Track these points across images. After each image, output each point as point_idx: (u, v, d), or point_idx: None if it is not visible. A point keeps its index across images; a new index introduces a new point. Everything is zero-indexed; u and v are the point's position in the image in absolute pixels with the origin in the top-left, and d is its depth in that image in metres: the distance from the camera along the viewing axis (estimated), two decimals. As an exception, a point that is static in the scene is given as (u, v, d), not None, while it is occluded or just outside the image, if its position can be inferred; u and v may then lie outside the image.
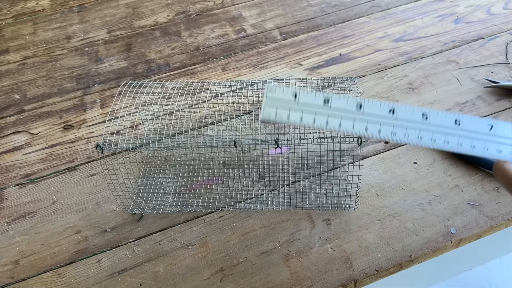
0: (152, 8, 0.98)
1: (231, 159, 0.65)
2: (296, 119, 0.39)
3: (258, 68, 0.81)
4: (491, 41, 0.81)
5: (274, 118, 0.39)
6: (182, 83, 0.63)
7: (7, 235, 0.59)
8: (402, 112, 0.39)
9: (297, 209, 0.59)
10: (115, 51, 0.88)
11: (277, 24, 0.90)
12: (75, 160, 0.68)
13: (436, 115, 0.39)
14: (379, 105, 0.39)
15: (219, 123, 0.70)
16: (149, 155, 0.66)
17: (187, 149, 0.64)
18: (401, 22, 0.87)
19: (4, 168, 0.68)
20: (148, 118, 0.71)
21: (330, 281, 0.52)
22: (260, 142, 0.54)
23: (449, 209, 0.57)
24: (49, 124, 0.74)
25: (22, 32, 0.95)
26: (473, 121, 0.39)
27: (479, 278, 1.21)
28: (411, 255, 0.53)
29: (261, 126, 0.70)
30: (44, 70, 0.85)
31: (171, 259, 0.55)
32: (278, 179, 0.62)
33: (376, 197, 0.60)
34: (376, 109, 0.39)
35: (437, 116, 0.39)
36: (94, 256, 0.56)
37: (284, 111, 0.39)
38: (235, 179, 0.63)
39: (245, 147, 0.66)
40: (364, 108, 0.39)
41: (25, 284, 0.54)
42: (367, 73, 0.78)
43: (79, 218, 0.60)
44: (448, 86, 0.73)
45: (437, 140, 0.39)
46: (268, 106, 0.39)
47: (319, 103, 0.39)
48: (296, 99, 0.40)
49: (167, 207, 0.60)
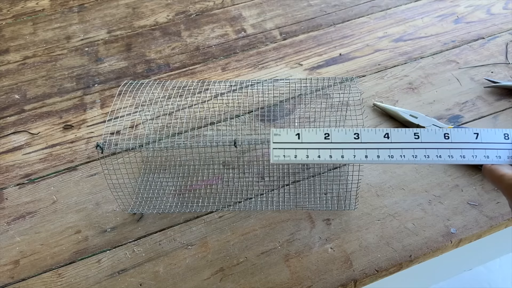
0: (152, 8, 0.98)
1: (231, 159, 0.65)
2: (302, 157, 0.43)
3: (258, 68, 0.81)
4: (491, 41, 0.81)
5: (283, 159, 0.43)
6: (182, 83, 0.63)
7: (7, 235, 0.59)
8: (395, 136, 0.43)
9: (297, 209, 0.59)
10: (115, 51, 0.88)
11: (277, 24, 0.90)
12: (75, 160, 0.68)
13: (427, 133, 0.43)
14: (374, 132, 0.43)
15: (219, 123, 0.70)
16: (149, 155, 0.66)
17: (187, 149, 0.64)
18: (401, 22, 0.87)
19: (4, 168, 0.68)
20: (148, 118, 0.71)
21: (330, 281, 0.52)
22: (260, 142, 0.54)
23: (449, 209, 0.57)
24: (49, 124, 0.74)
25: (22, 32, 0.95)
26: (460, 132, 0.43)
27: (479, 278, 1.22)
28: (411, 255, 0.53)
29: (261, 126, 0.70)
30: (44, 70, 0.85)
31: (171, 259, 0.55)
32: (278, 179, 0.62)
33: (376, 197, 0.60)
34: (372, 136, 0.43)
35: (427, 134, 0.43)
36: (94, 256, 0.56)
37: (291, 151, 0.43)
38: (235, 179, 0.63)
39: (245, 147, 0.66)
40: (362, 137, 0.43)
41: (25, 284, 0.54)
42: (367, 73, 0.78)
43: (79, 218, 0.60)
44: (448, 86, 0.73)
45: (430, 156, 0.42)
46: (276, 149, 0.43)
47: (321, 138, 0.43)
48: (300, 138, 0.44)
49: (167, 207, 0.60)
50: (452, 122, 0.68)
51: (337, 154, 0.43)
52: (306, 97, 0.73)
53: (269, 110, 0.72)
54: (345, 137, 0.43)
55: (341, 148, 0.43)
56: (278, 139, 0.44)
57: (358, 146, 0.43)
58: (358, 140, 0.43)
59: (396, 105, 0.71)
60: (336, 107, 0.68)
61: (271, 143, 0.43)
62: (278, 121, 0.70)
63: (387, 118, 0.69)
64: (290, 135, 0.44)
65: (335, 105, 0.69)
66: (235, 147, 0.54)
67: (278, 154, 0.43)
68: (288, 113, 0.71)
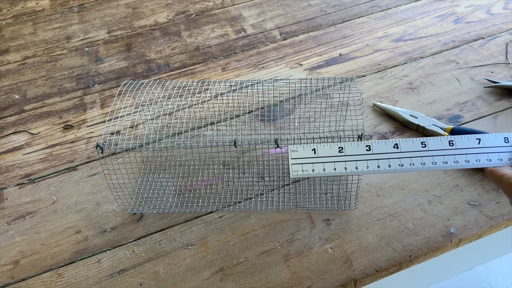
0: (152, 8, 0.98)
1: (231, 159, 0.65)
2: (320, 171, 0.46)
3: (258, 68, 0.81)
4: (491, 41, 0.81)
5: (301, 174, 0.46)
6: (182, 83, 0.63)
7: (7, 235, 0.59)
8: (404, 145, 0.46)
9: (297, 209, 0.59)
10: (115, 51, 0.88)
11: (277, 24, 0.90)
12: (75, 160, 0.68)
13: (433, 141, 0.46)
14: (385, 144, 0.46)
15: (219, 123, 0.70)
16: (149, 155, 0.66)
17: (187, 149, 0.64)
18: (401, 22, 0.87)
19: (4, 168, 0.68)
20: (148, 118, 0.71)
21: (330, 281, 0.52)
22: (260, 142, 0.54)
23: (449, 209, 0.57)
24: (49, 124, 0.74)
25: (22, 32, 0.95)
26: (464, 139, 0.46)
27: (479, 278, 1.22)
28: (411, 255, 0.53)
29: (261, 126, 0.70)
30: (44, 70, 0.85)
31: (171, 259, 0.55)
32: (278, 179, 0.62)
33: (376, 197, 0.60)
34: (383, 147, 0.46)
35: (433, 142, 0.46)
36: (94, 256, 0.56)
37: (309, 166, 0.46)
38: (235, 179, 0.63)
39: (245, 147, 0.66)
40: (373, 149, 0.46)
41: (25, 284, 0.54)
42: (367, 73, 0.78)
43: (79, 218, 0.60)
44: (448, 86, 0.73)
45: (437, 162, 0.45)
46: (295, 164, 0.46)
47: (335, 152, 0.47)
48: (316, 153, 0.47)
49: (167, 207, 0.60)
50: (452, 122, 0.68)
51: (352, 166, 0.46)
52: (306, 97, 0.73)
53: (269, 110, 0.72)
54: (357, 150, 0.46)
55: (354, 160, 0.46)
56: (296, 155, 0.47)
57: (370, 157, 0.46)
58: (370, 151, 0.46)
59: (396, 105, 0.71)
60: (336, 107, 0.68)
61: (290, 159, 0.46)
62: (278, 121, 0.70)
63: (387, 118, 0.69)
64: (306, 150, 0.47)
65: (335, 105, 0.69)
66: (235, 147, 0.54)
67: (297, 169, 0.46)
68: (288, 113, 0.71)
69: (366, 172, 0.46)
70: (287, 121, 0.70)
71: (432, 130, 0.65)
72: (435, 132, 0.65)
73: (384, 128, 0.68)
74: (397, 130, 0.68)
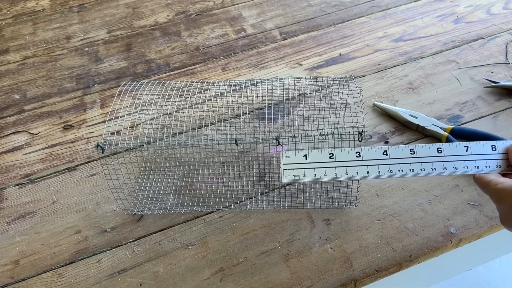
0: (152, 8, 0.98)
1: (231, 159, 0.65)
2: (311, 176, 0.47)
3: (258, 68, 0.81)
4: (491, 41, 0.81)
5: (293, 179, 0.47)
6: (182, 83, 0.63)
7: (7, 235, 0.59)
8: (393, 152, 0.47)
9: (297, 208, 0.59)
10: (115, 51, 0.88)
11: (277, 24, 0.90)
12: (75, 160, 0.68)
13: (422, 148, 0.47)
14: (374, 150, 0.48)
15: (219, 123, 0.70)
16: (149, 155, 0.66)
17: (187, 149, 0.64)
18: (401, 22, 0.87)
19: (4, 168, 0.68)
20: (148, 118, 0.71)
21: (330, 281, 0.52)
22: (261, 140, 0.54)
23: (449, 209, 0.57)
24: (49, 124, 0.74)
25: (22, 32, 0.95)
26: (452, 146, 0.47)
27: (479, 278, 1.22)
28: (411, 255, 0.53)
29: (260, 125, 0.70)
30: (44, 70, 0.85)
31: (171, 259, 0.55)
32: (278, 179, 0.62)
33: (376, 197, 0.60)
34: (372, 153, 0.48)
35: (422, 149, 0.47)
36: (94, 256, 0.56)
37: (300, 171, 0.47)
38: (235, 179, 0.63)
39: (245, 146, 0.66)
40: (363, 155, 0.47)
41: (25, 284, 0.54)
42: (367, 73, 0.78)
43: (79, 218, 0.60)
44: (448, 86, 0.73)
45: (426, 169, 0.46)
46: (286, 170, 0.47)
47: (326, 158, 0.48)
48: (307, 159, 0.48)
49: (167, 207, 0.60)
50: (452, 122, 0.68)
51: (342, 171, 0.47)
52: (306, 97, 0.73)
53: (269, 110, 0.72)
54: (347, 156, 0.48)
55: (345, 166, 0.47)
56: (288, 160, 0.48)
57: (360, 164, 0.47)
58: (359, 158, 0.47)
59: (396, 105, 0.71)
60: (335, 105, 0.68)
61: (282, 164, 0.47)
62: (278, 121, 0.70)
63: (387, 118, 0.69)
64: (298, 156, 0.48)
65: (335, 105, 0.69)
66: (236, 145, 0.54)
67: (288, 174, 0.47)
68: (288, 113, 0.71)
69: (356, 177, 0.47)
70: (287, 120, 0.70)
71: (432, 130, 0.65)
72: (435, 132, 0.65)
73: (384, 128, 0.68)
74: (397, 130, 0.68)
